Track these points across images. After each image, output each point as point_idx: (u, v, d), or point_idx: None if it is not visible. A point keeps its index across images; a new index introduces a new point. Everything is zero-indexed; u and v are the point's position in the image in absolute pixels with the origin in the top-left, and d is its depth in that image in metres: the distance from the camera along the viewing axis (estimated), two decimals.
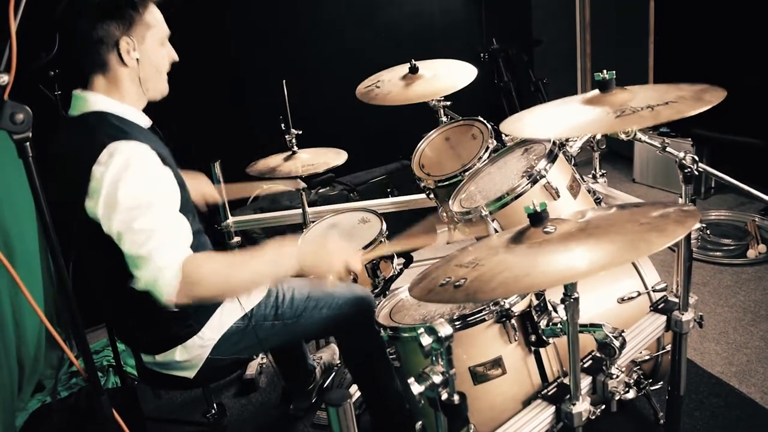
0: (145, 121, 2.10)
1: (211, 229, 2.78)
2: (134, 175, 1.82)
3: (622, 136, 2.37)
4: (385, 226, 2.95)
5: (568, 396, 1.82)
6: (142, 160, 1.86)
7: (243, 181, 3.29)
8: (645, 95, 1.78)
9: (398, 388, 2.59)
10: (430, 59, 3.28)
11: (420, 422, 2.08)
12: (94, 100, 1.99)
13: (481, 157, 2.72)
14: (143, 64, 2.03)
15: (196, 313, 2.13)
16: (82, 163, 1.83)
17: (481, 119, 2.94)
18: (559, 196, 2.27)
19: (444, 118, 3.28)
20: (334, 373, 3.32)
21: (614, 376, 1.88)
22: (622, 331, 1.81)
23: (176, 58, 2.16)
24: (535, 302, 1.96)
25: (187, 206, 2.04)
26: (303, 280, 2.48)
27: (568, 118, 1.91)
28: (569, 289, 1.64)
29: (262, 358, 3.55)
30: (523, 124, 2.01)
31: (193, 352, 2.16)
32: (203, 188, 2.81)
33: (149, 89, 2.10)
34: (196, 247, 1.93)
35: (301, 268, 1.92)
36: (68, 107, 2.04)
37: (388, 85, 3.17)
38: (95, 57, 1.97)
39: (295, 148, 3.28)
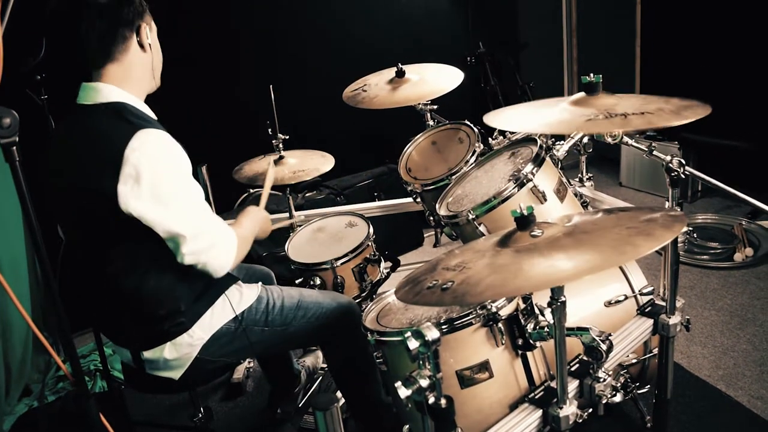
0: (153, 115, 2.12)
1: None
2: (172, 160, 1.93)
3: (609, 140, 2.37)
4: (372, 230, 2.96)
5: (555, 399, 1.82)
6: (173, 146, 1.95)
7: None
8: (629, 103, 1.78)
9: (384, 397, 2.59)
10: (417, 63, 3.28)
11: (407, 426, 2.08)
12: (108, 90, 2.00)
13: (467, 161, 2.72)
14: (154, 51, 2.11)
15: (188, 310, 2.14)
16: (110, 147, 1.86)
17: (468, 123, 2.94)
18: (546, 200, 2.28)
19: (431, 122, 3.29)
20: (320, 377, 3.31)
21: (601, 380, 1.88)
22: (609, 335, 1.82)
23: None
24: (522, 306, 1.96)
25: None
26: (293, 289, 2.50)
27: (545, 116, 1.90)
28: (556, 293, 1.64)
29: (249, 362, 3.54)
30: (500, 119, 2.00)
31: (181, 351, 2.15)
32: None
33: (156, 77, 2.16)
34: None
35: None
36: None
37: (375, 88, 3.17)
38: (113, 43, 1.99)
39: (282, 152, 3.28)
